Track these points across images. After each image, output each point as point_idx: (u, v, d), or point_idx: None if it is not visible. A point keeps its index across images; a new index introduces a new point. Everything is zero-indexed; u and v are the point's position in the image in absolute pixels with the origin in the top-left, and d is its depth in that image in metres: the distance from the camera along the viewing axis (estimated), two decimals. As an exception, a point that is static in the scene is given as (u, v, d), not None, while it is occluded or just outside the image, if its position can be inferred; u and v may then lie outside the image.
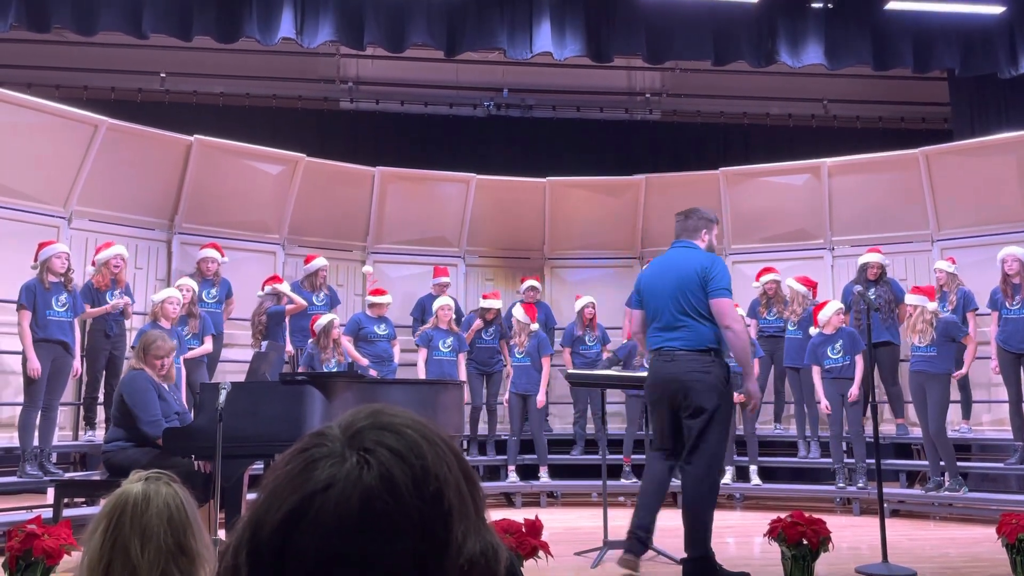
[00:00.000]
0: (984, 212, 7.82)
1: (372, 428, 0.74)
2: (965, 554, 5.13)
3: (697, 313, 4.24)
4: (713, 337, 4.24)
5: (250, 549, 0.71)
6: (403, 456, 0.72)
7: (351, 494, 0.69)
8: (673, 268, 4.37)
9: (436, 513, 0.71)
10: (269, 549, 0.70)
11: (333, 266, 8.43)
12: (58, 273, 6.08)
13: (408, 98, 10.87)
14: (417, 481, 0.71)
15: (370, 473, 0.70)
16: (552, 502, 7.89)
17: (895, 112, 11.11)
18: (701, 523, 4.14)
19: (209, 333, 7.01)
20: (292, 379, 5.01)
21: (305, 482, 0.71)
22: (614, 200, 9.22)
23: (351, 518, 0.69)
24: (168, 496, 1.67)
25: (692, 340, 4.23)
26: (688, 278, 4.27)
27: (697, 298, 4.24)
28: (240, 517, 0.77)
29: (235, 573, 0.72)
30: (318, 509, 0.69)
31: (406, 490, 0.70)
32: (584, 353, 8.07)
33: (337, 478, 0.70)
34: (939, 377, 6.67)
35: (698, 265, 4.28)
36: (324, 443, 0.74)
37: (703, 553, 4.10)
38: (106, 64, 9.91)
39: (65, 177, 7.09)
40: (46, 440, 6.02)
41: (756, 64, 8.13)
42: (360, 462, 0.71)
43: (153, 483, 1.68)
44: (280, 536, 0.70)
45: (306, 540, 0.69)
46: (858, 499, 7.10)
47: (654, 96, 11.25)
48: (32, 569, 3.71)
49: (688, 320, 4.24)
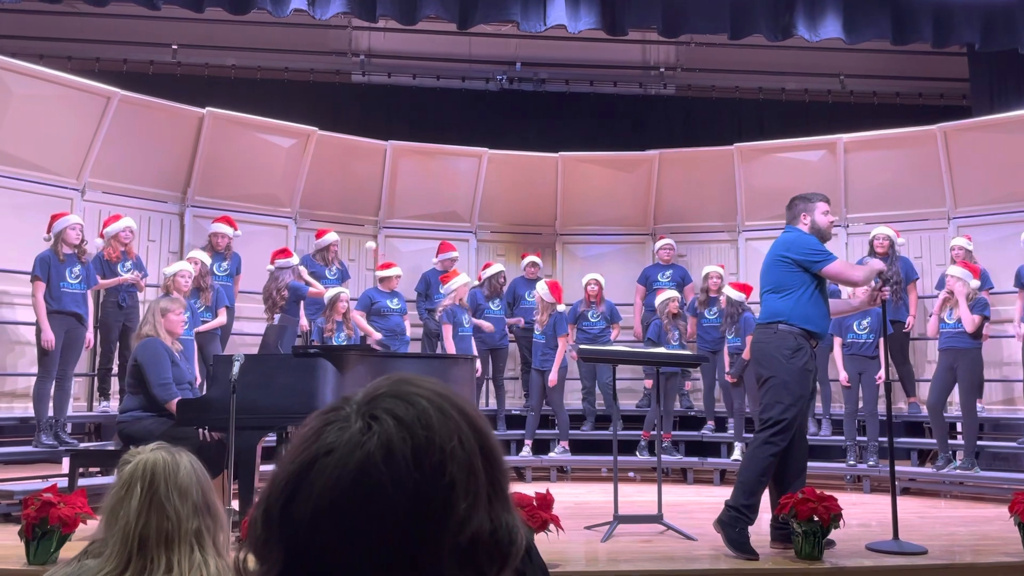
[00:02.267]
0: (1002, 190, 7.73)
1: (388, 396, 0.75)
2: (976, 532, 5.13)
3: (769, 289, 4.50)
4: (782, 309, 4.40)
5: (264, 508, 0.74)
6: (407, 426, 0.72)
7: (348, 460, 0.70)
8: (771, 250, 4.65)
9: (435, 486, 0.71)
10: (276, 507, 0.72)
11: (344, 241, 8.42)
12: (72, 245, 6.11)
13: (420, 71, 10.79)
14: (417, 451, 0.71)
15: (371, 440, 0.71)
16: (562, 477, 7.92)
17: (913, 88, 10.96)
18: (746, 480, 4.30)
19: (223, 305, 7.04)
20: (305, 352, 5.03)
21: (312, 445, 0.73)
22: (627, 175, 9.16)
23: (344, 483, 0.70)
24: (190, 459, 1.74)
25: (763, 315, 4.55)
26: (772, 257, 4.54)
27: (770, 275, 4.51)
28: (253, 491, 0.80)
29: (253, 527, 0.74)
30: (318, 471, 0.71)
31: (403, 459, 0.70)
32: (587, 329, 8.07)
33: (339, 443, 0.72)
34: (970, 352, 6.65)
35: (780, 245, 4.54)
36: (343, 407, 0.76)
37: (738, 504, 4.22)
38: (118, 36, 9.87)
39: (78, 149, 7.10)
40: (61, 410, 6.08)
41: (772, 38, 8.02)
42: (364, 429, 0.72)
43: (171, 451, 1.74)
44: (284, 495, 0.72)
45: (303, 501, 0.71)
46: (869, 477, 7.09)
47: (668, 70, 11.13)
48: (48, 537, 3.76)
49: (764, 296, 4.54)
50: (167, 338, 5.12)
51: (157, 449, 1.74)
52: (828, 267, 4.43)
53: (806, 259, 4.41)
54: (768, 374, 4.36)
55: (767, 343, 4.41)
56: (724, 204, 8.92)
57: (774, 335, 4.38)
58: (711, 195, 8.98)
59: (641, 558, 4.20)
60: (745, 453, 4.50)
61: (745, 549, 4.11)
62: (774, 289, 4.46)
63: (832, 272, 4.48)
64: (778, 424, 4.26)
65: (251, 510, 0.79)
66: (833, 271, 4.47)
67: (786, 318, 4.37)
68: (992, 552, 4.31)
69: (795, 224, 4.62)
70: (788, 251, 4.46)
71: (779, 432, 4.26)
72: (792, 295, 4.40)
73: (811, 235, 4.52)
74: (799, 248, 4.45)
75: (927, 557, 4.14)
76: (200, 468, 1.74)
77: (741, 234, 8.86)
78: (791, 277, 4.42)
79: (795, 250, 4.45)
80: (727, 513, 4.23)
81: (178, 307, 5.29)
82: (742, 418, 7.61)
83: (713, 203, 8.99)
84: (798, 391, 4.31)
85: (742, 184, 8.80)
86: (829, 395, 7.63)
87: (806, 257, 4.42)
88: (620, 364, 5.67)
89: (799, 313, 4.37)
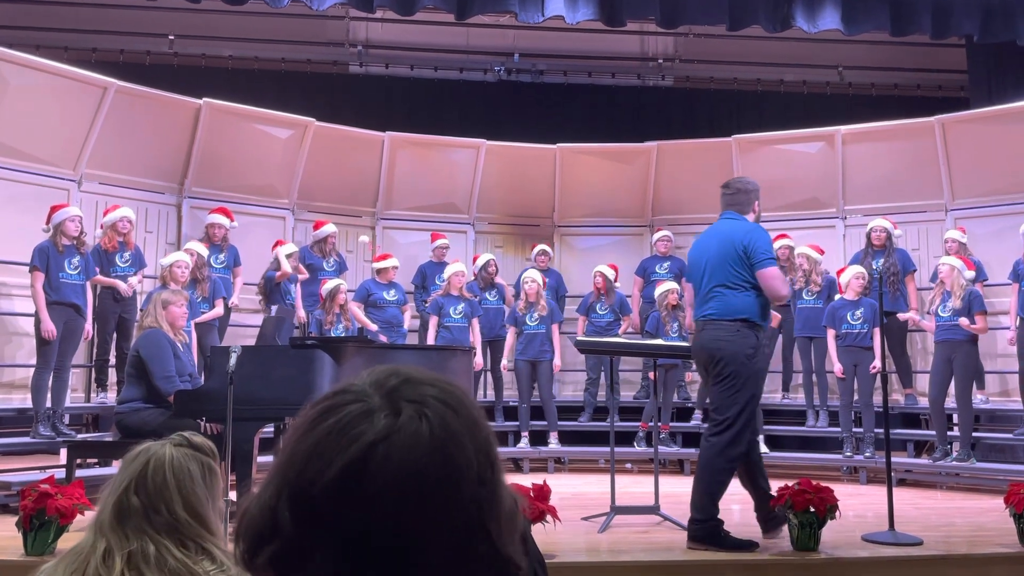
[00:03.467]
0: (1000, 182, 7.73)
1: (408, 383, 0.77)
2: (972, 523, 5.15)
3: (730, 283, 4.24)
4: (744, 307, 4.20)
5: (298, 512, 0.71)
6: (455, 407, 0.75)
7: (414, 442, 0.71)
8: (716, 239, 4.39)
9: (487, 461, 0.75)
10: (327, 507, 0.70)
11: (342, 232, 8.41)
12: (71, 236, 6.11)
13: (418, 62, 10.77)
14: (470, 427, 0.75)
15: (429, 422, 0.73)
16: (560, 468, 7.94)
17: (911, 79, 10.95)
18: (712, 490, 4.16)
19: (220, 296, 7.03)
20: (302, 343, 5.03)
21: (358, 435, 0.72)
22: (625, 167, 9.16)
23: (419, 461, 0.71)
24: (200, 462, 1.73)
25: (722, 310, 4.25)
26: (728, 249, 4.28)
27: (733, 269, 4.24)
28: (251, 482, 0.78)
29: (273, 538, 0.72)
30: (383, 458, 0.70)
31: (463, 435, 0.74)
32: (595, 321, 8.08)
33: (396, 427, 0.72)
34: (966, 344, 6.67)
35: (739, 236, 4.28)
36: (358, 400, 0.75)
37: (710, 516, 4.12)
38: (115, 26, 9.84)
39: (75, 140, 7.08)
40: (59, 401, 6.08)
41: (771, 29, 8.00)
42: (417, 412, 0.73)
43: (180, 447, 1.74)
44: (339, 491, 0.70)
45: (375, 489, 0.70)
46: (865, 468, 7.11)
47: (667, 62, 11.11)
48: (45, 528, 3.77)
49: (721, 290, 4.26)
50: (169, 330, 5.12)
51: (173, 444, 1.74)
52: (770, 269, 4.20)
53: (761, 255, 4.20)
54: (729, 371, 4.15)
55: (730, 341, 4.17)
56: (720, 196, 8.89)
57: (736, 333, 4.17)
58: (709, 187, 8.88)
59: (638, 549, 4.22)
60: (704, 460, 4.23)
61: (741, 545, 4.09)
62: (731, 284, 4.23)
63: (769, 275, 4.19)
64: (735, 425, 4.13)
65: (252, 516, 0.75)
66: (771, 275, 4.20)
67: (749, 315, 4.19)
68: (988, 543, 4.33)
69: (743, 212, 4.44)
70: (749, 245, 4.23)
71: (739, 434, 4.13)
72: (751, 292, 4.21)
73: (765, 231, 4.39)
74: (760, 244, 4.23)
75: (923, 548, 4.16)
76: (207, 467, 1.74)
77: (739, 226, 8.85)
78: (747, 272, 4.22)
79: (754, 245, 4.22)
80: (702, 529, 4.09)
81: (180, 299, 5.29)
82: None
83: (711, 195, 8.84)
84: (755, 391, 4.23)
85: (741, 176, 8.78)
86: (825, 387, 7.64)
87: (763, 254, 4.20)
88: (617, 356, 5.67)
89: (760, 312, 4.23)
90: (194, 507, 1.67)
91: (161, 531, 1.61)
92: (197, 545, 1.63)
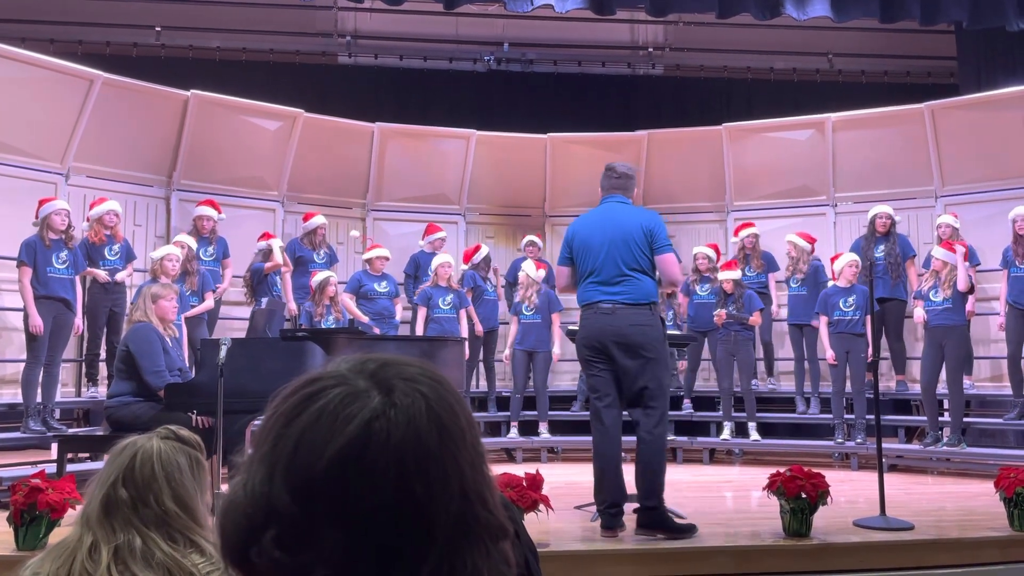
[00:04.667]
0: (989, 168, 7.75)
1: (391, 365, 0.78)
2: (962, 508, 5.18)
3: (642, 267, 4.23)
4: (653, 291, 4.26)
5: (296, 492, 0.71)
6: (441, 383, 0.78)
7: (414, 414, 0.74)
8: (613, 223, 4.31)
9: (475, 432, 0.79)
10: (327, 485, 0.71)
11: (333, 224, 8.38)
12: (58, 230, 6.07)
13: (407, 52, 10.71)
14: (459, 402, 0.78)
15: (425, 397, 0.75)
16: (552, 457, 7.95)
17: (901, 66, 10.96)
18: (659, 476, 4.16)
19: (209, 289, 7.01)
20: (292, 335, 5.02)
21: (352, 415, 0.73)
22: (616, 156, 9.02)
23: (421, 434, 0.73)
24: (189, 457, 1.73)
25: (637, 294, 4.21)
26: (633, 233, 4.23)
27: (643, 253, 4.22)
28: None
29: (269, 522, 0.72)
30: (383, 432, 0.72)
31: (454, 408, 0.77)
32: None
33: (392, 403, 0.74)
34: (958, 329, 6.72)
35: (642, 221, 4.28)
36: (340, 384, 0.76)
37: (657, 503, 4.12)
38: (100, 18, 9.76)
39: (61, 133, 7.03)
40: (49, 396, 6.05)
41: (761, 17, 7.98)
42: (412, 389, 0.75)
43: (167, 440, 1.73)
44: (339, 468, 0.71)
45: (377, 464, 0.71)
46: (856, 454, 7.15)
47: (657, 50, 11.09)
48: (37, 523, 3.75)
49: (634, 274, 4.21)
50: (159, 324, 5.10)
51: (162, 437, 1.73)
52: (671, 255, 4.26)
53: (663, 241, 4.23)
54: (652, 356, 4.16)
55: (651, 326, 4.19)
56: (713, 184, 8.92)
57: (652, 317, 4.21)
58: (700, 175, 8.97)
59: (630, 536, 4.22)
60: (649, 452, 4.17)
61: (685, 529, 4.09)
62: (642, 268, 4.22)
63: (671, 260, 4.26)
64: (667, 411, 4.27)
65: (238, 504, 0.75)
66: (672, 260, 4.28)
67: (656, 300, 4.26)
68: (978, 528, 4.35)
69: (629, 196, 4.43)
70: (654, 230, 4.23)
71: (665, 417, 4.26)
72: (653, 277, 4.25)
73: None
74: (662, 230, 4.25)
75: (914, 533, 4.18)
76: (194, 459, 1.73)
77: (730, 214, 8.87)
78: (651, 257, 4.24)
79: (658, 230, 4.23)
80: (651, 515, 4.08)
81: (169, 293, 5.26)
82: (730, 398, 7.66)
83: (702, 183, 8.99)
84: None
85: (731, 164, 8.80)
86: (817, 374, 7.67)
87: (665, 240, 4.24)
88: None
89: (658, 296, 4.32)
90: (183, 499, 1.66)
91: (149, 524, 1.60)
92: (186, 538, 1.62)
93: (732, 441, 7.68)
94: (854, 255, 7.28)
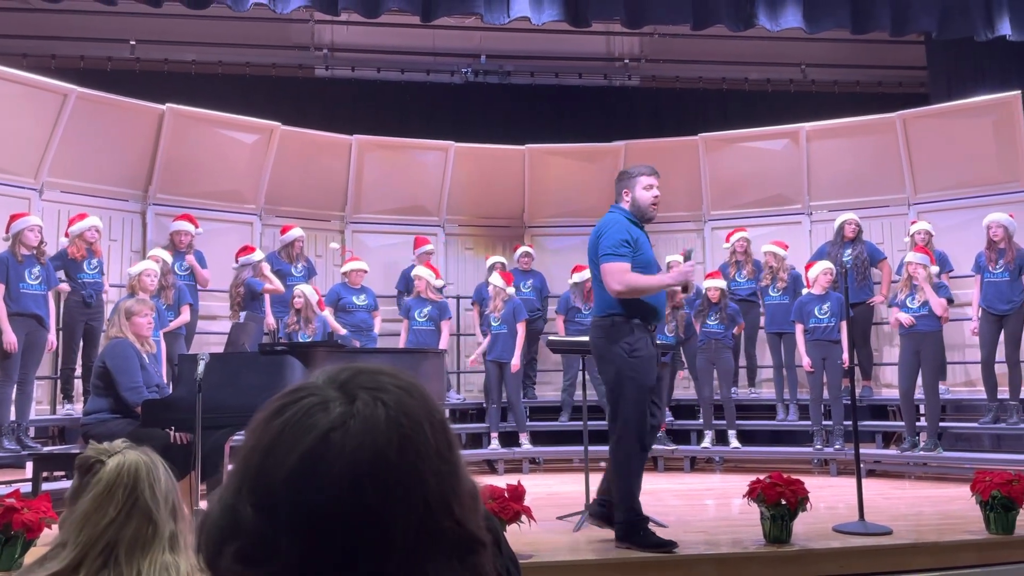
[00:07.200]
0: (960, 175, 7.87)
1: (362, 374, 0.78)
2: (940, 511, 5.23)
3: (599, 280, 4.17)
4: (613, 303, 4.11)
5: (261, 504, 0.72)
6: (408, 391, 0.77)
7: (375, 423, 0.73)
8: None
9: (445, 439, 0.77)
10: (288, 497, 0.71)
11: (311, 237, 8.36)
12: (30, 246, 6.00)
13: (384, 65, 10.72)
14: (427, 411, 0.77)
15: (386, 406, 0.74)
16: (534, 468, 7.94)
17: (872, 76, 11.11)
18: (621, 487, 4.10)
19: (186, 303, 6.95)
20: (271, 349, 4.99)
21: (313, 426, 0.73)
22: (594, 167, 9.18)
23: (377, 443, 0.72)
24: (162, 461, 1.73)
25: (596, 308, 4.24)
26: (593, 245, 4.22)
27: (595, 264, 4.18)
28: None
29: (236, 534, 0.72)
30: (338, 444, 0.72)
31: (420, 416, 0.75)
32: (580, 321, 8.04)
33: (351, 414, 0.73)
34: (933, 335, 6.79)
35: (596, 229, 4.21)
36: (311, 395, 0.76)
37: (627, 517, 4.08)
38: (74, 32, 9.68)
39: (35, 148, 6.96)
40: (23, 414, 5.97)
41: (735, 28, 8.07)
42: (373, 398, 0.75)
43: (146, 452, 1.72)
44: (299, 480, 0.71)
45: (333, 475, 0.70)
46: (835, 460, 7.20)
47: (633, 62, 11.17)
48: (12, 543, 3.69)
49: (598, 286, 4.20)
50: (135, 340, 5.04)
51: (128, 449, 1.71)
52: (607, 265, 4.06)
53: (603, 250, 4.09)
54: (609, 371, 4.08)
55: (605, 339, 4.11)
56: (690, 194, 8.98)
57: (611, 329, 4.09)
58: (677, 185, 8.99)
59: (613, 546, 4.22)
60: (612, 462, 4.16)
61: (662, 544, 4.02)
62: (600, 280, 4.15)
63: (605, 270, 4.07)
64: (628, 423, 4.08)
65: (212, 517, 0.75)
66: (606, 270, 4.07)
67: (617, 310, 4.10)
68: (955, 531, 4.40)
69: (619, 203, 4.31)
70: (601, 238, 4.14)
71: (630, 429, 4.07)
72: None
73: (623, 221, 4.20)
74: (606, 238, 4.12)
75: (892, 537, 4.22)
76: (168, 468, 1.73)
77: (707, 223, 8.94)
78: None
79: (603, 239, 4.12)
80: (623, 529, 4.06)
81: (144, 309, 5.20)
82: (710, 406, 7.69)
83: (679, 193, 9.03)
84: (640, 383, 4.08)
85: (707, 174, 8.87)
86: (795, 381, 7.73)
87: (604, 249, 4.09)
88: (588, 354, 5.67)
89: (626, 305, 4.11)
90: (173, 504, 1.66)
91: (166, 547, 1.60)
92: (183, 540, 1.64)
93: (712, 449, 7.71)
94: (829, 263, 7.36)
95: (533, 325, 8.27)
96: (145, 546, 1.59)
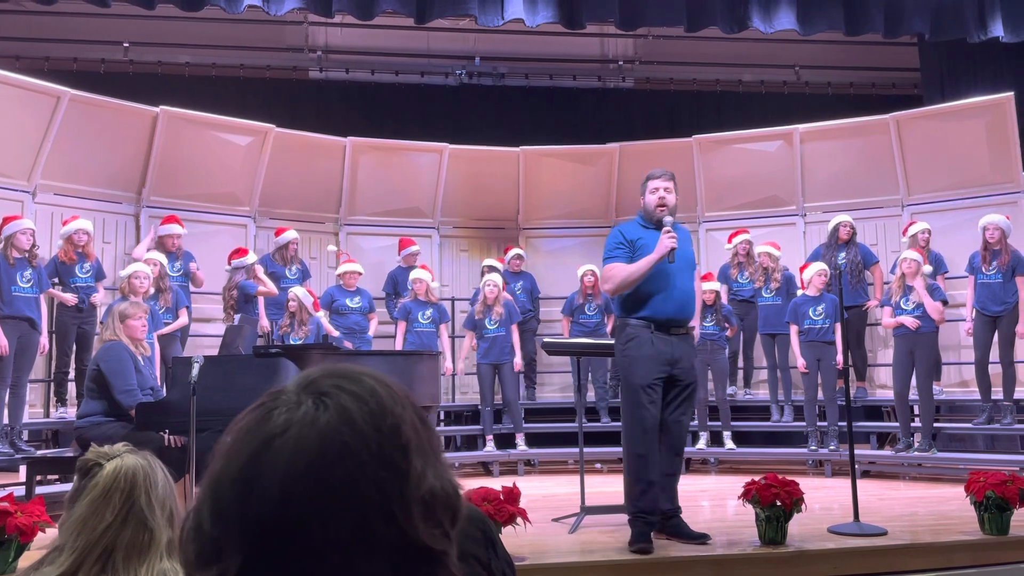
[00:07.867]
0: (954, 176, 7.90)
1: (329, 376, 0.78)
2: (934, 512, 5.23)
3: None
4: (618, 305, 4.37)
5: (212, 507, 0.72)
6: (359, 396, 0.75)
7: (308, 432, 0.72)
8: None
9: (394, 444, 0.74)
10: (231, 501, 0.71)
11: (305, 239, 8.34)
12: (23, 249, 5.98)
13: (379, 67, 10.72)
14: (374, 415, 0.74)
15: (327, 412, 0.73)
16: (530, 470, 7.94)
17: (866, 78, 11.15)
18: (625, 485, 4.29)
19: (183, 306, 6.93)
20: (266, 352, 4.98)
21: (260, 432, 0.73)
22: (588, 168, 9.20)
23: (310, 452, 0.71)
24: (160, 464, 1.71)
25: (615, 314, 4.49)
26: None
27: None
28: None
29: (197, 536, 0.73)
30: (277, 451, 0.71)
31: (363, 422, 0.73)
32: (584, 322, 8.04)
33: (293, 420, 0.73)
34: (928, 337, 6.80)
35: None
36: (279, 396, 0.76)
37: (632, 512, 4.19)
38: (68, 34, 9.66)
39: (28, 150, 6.94)
40: (16, 417, 5.95)
41: (728, 30, 8.10)
42: (316, 404, 0.74)
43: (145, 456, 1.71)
44: (240, 485, 0.71)
45: (265, 486, 0.70)
46: (830, 461, 7.21)
47: (627, 63, 11.19)
48: (6, 546, 3.68)
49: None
50: (129, 343, 5.02)
51: (127, 453, 1.69)
52: (606, 266, 4.33)
53: (604, 254, 4.36)
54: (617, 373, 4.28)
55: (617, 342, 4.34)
56: (684, 195, 8.82)
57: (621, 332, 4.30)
58: (671, 187, 9.03)
59: (609, 548, 4.22)
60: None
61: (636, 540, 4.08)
62: None
63: (604, 271, 4.36)
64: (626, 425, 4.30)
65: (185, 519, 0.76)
66: (605, 271, 4.36)
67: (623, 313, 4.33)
68: (950, 531, 4.40)
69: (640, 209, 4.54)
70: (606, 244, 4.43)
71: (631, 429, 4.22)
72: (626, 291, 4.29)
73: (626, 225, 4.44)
74: (607, 243, 4.38)
75: (887, 538, 4.22)
76: (167, 473, 1.72)
77: (701, 225, 8.95)
78: None
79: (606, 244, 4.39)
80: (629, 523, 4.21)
81: (138, 312, 5.16)
82: (705, 407, 7.70)
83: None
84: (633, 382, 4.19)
85: (701, 175, 8.88)
86: (789, 382, 7.74)
87: (604, 252, 4.36)
88: (583, 356, 5.68)
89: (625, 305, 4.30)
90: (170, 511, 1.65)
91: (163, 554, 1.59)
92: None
93: (708, 450, 7.72)
94: (823, 264, 7.38)
95: (526, 325, 8.27)
96: (142, 552, 1.58)
